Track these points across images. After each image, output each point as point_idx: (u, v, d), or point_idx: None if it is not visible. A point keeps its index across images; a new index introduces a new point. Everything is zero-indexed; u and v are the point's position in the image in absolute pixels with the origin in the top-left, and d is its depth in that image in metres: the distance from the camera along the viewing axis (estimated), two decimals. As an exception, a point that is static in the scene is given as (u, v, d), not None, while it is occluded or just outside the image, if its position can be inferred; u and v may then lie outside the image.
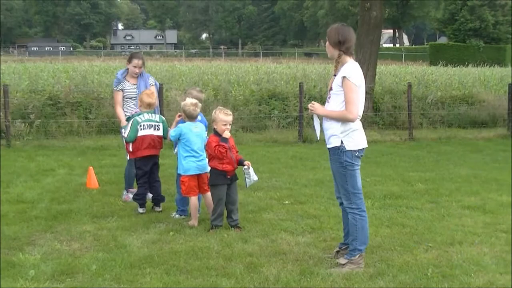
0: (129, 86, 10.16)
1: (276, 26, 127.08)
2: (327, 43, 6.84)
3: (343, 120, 6.62)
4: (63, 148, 16.00)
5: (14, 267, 6.83)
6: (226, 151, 8.25)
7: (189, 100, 8.88)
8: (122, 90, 10.14)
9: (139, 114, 9.31)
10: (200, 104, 8.94)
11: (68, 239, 8.01)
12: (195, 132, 8.72)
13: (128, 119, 9.53)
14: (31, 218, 8.93)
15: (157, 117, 9.44)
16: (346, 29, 6.79)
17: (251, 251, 7.43)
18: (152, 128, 9.33)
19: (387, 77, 26.65)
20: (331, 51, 6.80)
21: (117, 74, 10.40)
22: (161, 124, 9.44)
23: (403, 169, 13.37)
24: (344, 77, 6.55)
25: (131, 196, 9.93)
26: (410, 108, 18.95)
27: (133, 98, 10.06)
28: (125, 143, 9.64)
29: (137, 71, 10.16)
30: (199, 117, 9.07)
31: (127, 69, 10.26)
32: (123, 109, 10.13)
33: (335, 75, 6.74)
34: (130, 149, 9.41)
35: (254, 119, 18.96)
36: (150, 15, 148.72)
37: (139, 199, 9.44)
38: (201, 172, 8.74)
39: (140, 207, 9.42)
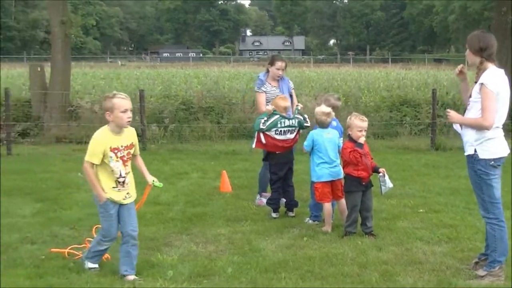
0: (272, 89, 10.13)
1: (405, 31, 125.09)
2: (468, 50, 6.69)
3: (478, 127, 6.45)
4: (195, 152, 16.32)
5: (153, 267, 7.04)
6: (361, 156, 8.19)
7: (322, 109, 8.86)
8: (265, 92, 10.12)
9: (282, 118, 9.31)
10: (333, 113, 8.88)
11: (203, 241, 8.16)
12: (327, 138, 8.69)
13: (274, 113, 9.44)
14: (167, 220, 9.17)
15: (296, 122, 9.43)
16: (487, 35, 6.64)
17: (386, 259, 7.34)
18: (289, 133, 9.35)
19: (524, 84, 25.71)
20: (472, 58, 6.65)
21: (259, 76, 10.41)
22: (297, 128, 9.46)
23: (543, 179, 12.83)
24: (481, 84, 6.40)
25: (264, 200, 9.99)
26: (550, 115, 18.18)
27: None
28: (257, 132, 9.49)
29: (280, 73, 10.14)
30: (334, 123, 9.03)
31: (268, 71, 10.25)
32: None
33: (476, 82, 6.58)
34: (263, 140, 9.37)
35: (385, 125, 18.74)
36: (278, 21, 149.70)
37: (273, 203, 9.50)
38: (334, 179, 8.70)
39: (274, 211, 9.48)
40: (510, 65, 19.96)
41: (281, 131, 9.30)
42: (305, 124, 9.44)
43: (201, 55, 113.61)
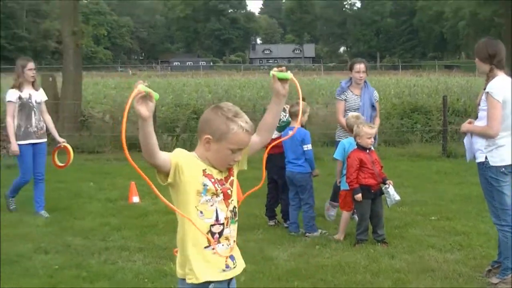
0: (353, 97, 9.69)
1: (415, 38, 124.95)
2: (476, 59, 6.69)
3: (484, 135, 6.49)
4: (207, 161, 16.29)
5: (166, 277, 7.05)
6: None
7: (352, 113, 9.00)
8: (345, 100, 9.72)
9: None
10: (361, 117, 8.86)
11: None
12: None
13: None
14: (180, 229, 9.15)
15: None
16: (495, 42, 6.66)
17: (399, 267, 7.34)
18: None
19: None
20: (481, 66, 6.66)
21: (341, 82, 10.09)
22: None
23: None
24: (487, 93, 6.41)
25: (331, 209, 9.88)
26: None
27: (355, 111, 9.47)
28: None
29: (361, 75, 9.63)
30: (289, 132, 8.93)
31: (351, 78, 9.86)
32: None
33: (484, 89, 6.59)
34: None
35: (396, 133, 18.70)
36: (288, 29, 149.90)
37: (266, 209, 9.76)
38: None
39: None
40: (521, 72, 19.90)
41: None
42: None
43: (211, 63, 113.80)
